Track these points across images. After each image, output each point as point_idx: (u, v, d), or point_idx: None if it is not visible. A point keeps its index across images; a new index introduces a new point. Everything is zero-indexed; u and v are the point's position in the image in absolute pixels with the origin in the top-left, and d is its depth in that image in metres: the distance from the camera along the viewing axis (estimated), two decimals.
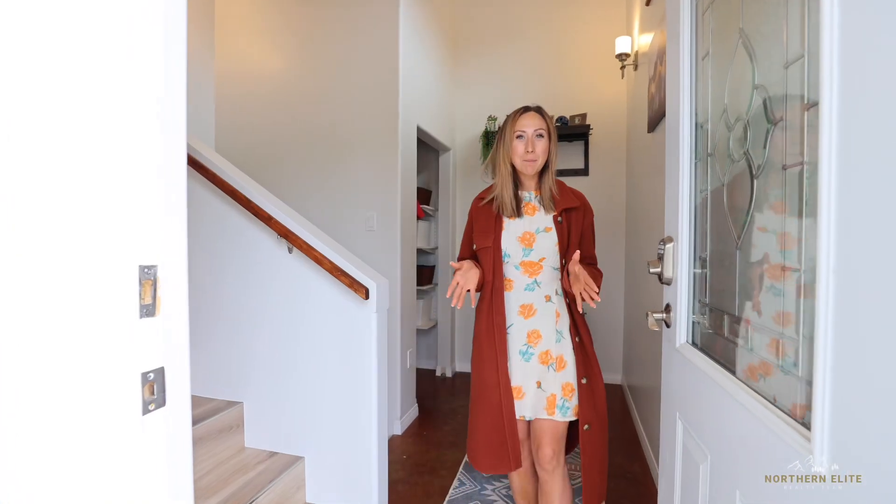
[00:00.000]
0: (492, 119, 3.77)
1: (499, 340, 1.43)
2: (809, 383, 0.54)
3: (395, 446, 2.62)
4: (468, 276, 1.41)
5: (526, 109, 1.45)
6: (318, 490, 1.92)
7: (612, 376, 3.70)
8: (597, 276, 1.43)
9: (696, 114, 0.95)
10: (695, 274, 0.96)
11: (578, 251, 1.28)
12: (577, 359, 1.42)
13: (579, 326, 1.45)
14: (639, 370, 2.89)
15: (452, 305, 1.41)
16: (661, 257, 1.02)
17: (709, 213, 0.91)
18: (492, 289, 1.46)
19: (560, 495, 1.45)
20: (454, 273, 1.42)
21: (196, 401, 1.99)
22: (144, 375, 0.59)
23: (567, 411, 1.41)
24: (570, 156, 3.79)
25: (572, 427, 1.50)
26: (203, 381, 2.06)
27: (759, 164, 0.71)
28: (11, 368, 0.47)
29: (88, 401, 0.54)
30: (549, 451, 1.42)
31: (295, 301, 1.93)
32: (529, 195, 1.49)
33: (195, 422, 1.78)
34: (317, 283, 1.89)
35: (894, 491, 0.41)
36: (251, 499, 1.66)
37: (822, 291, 0.49)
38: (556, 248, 1.43)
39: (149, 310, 0.60)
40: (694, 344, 0.96)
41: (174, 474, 0.64)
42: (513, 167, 1.47)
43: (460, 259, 1.60)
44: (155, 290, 0.60)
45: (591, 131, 3.68)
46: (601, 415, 1.42)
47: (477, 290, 1.48)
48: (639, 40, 2.96)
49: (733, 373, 0.78)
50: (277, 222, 1.86)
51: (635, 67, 3.11)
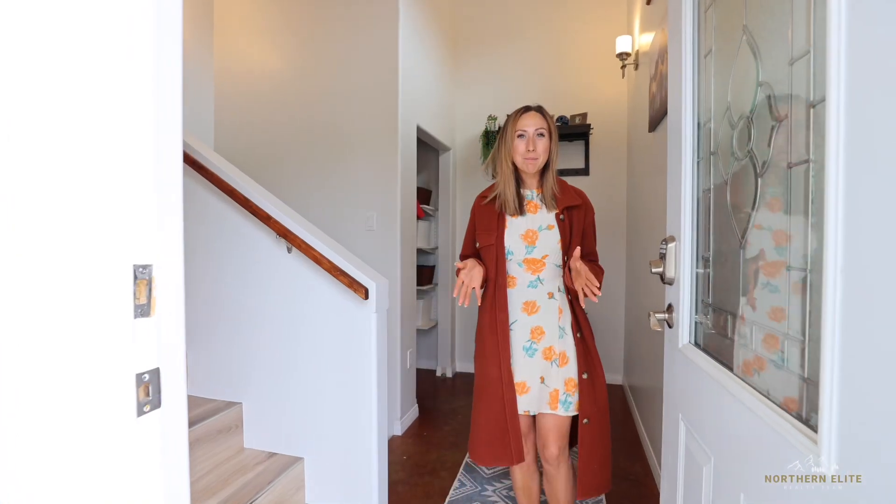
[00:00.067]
0: (492, 119, 3.76)
1: (502, 337, 1.45)
2: (813, 383, 0.54)
3: (395, 447, 2.61)
4: (473, 274, 1.42)
5: (527, 109, 1.47)
6: (318, 491, 1.91)
7: (613, 376, 3.69)
8: (598, 272, 1.45)
9: (699, 112, 0.95)
10: (697, 273, 0.95)
11: (579, 247, 1.29)
12: (578, 354, 1.44)
13: (581, 322, 1.47)
14: (640, 371, 2.88)
15: (460, 304, 1.44)
16: (662, 257, 1.02)
17: (711, 211, 0.90)
18: (495, 286, 1.47)
19: (565, 488, 1.49)
20: (458, 273, 1.42)
21: (194, 401, 1.98)
22: (139, 376, 0.58)
23: (569, 406, 1.43)
24: (570, 155, 3.79)
25: (574, 422, 1.51)
26: (202, 382, 2.05)
27: (763, 162, 0.70)
28: (1, 370, 0.46)
29: (82, 402, 0.53)
30: (555, 450, 1.45)
31: (294, 301, 1.92)
32: (531, 193, 1.51)
33: (194, 422, 1.77)
34: (316, 282, 1.89)
35: (894, 491, 0.40)
36: (250, 500, 1.65)
37: (830, 291, 0.48)
38: (559, 246, 1.45)
39: (144, 310, 0.59)
40: (696, 344, 0.95)
41: (170, 477, 0.63)
42: (514, 166, 1.48)
43: (462, 257, 1.62)
44: (150, 289, 0.59)
45: (591, 131, 3.67)
46: (602, 409, 1.44)
47: (481, 288, 1.49)
48: (639, 39, 2.95)
49: (737, 374, 0.77)
50: (276, 222, 1.86)
51: (636, 67, 3.10)
